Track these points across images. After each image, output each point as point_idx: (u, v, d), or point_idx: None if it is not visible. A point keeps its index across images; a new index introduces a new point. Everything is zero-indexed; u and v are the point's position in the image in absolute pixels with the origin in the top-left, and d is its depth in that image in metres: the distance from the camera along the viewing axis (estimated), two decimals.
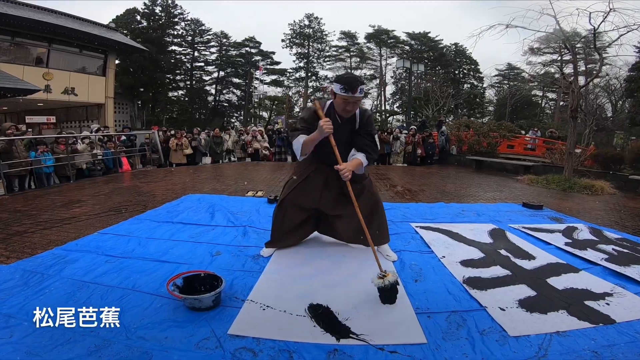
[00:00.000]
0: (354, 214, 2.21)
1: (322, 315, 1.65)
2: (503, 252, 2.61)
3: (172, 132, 9.07)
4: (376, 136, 2.19)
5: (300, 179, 2.31)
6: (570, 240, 3.00)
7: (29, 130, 9.31)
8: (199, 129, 9.93)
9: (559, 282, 2.09)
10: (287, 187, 2.38)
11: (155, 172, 7.15)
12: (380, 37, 30.37)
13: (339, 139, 2.02)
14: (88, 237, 2.79)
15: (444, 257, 2.46)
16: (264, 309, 1.70)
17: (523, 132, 12.19)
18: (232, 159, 9.54)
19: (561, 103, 27.49)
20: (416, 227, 3.18)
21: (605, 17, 6.68)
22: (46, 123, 12.95)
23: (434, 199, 4.80)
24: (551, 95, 30.41)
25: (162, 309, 1.65)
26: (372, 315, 1.66)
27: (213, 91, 30.64)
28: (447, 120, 12.84)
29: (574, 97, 8.07)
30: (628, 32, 6.72)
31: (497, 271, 2.22)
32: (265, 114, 29.15)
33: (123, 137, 8.25)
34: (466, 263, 2.36)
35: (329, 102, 2.13)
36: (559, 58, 8.72)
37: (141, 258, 2.32)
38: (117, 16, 25.44)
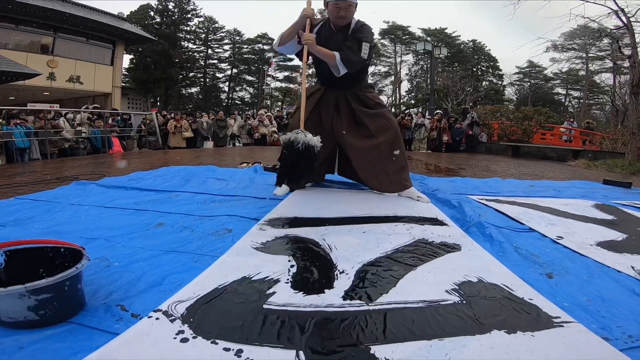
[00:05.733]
0: (374, 149, 2.00)
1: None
2: None
3: (172, 114, 8.26)
4: (365, 44, 1.90)
5: (312, 101, 2.06)
6: None
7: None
8: (202, 112, 9.11)
9: None
10: (298, 114, 2.06)
11: (149, 153, 6.29)
12: (395, 33, 29.21)
13: (332, 47, 1.94)
14: None
15: (561, 237, 1.39)
16: (185, 340, 0.67)
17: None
18: (237, 144, 8.64)
19: (586, 101, 25.79)
20: (480, 200, 2.11)
21: None
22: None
23: (481, 176, 3.69)
24: (575, 94, 28.72)
25: None
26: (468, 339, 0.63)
27: (226, 89, 30.26)
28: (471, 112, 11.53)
29: (635, 72, 6.99)
30: None
31: None
32: (277, 108, 28.57)
33: (117, 118, 7.47)
34: (612, 246, 1.29)
35: (323, 19, 2.07)
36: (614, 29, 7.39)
37: (25, 226, 1.36)
38: (131, 12, 25.34)
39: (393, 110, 26.57)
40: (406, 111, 23.42)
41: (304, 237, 1.24)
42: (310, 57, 1.99)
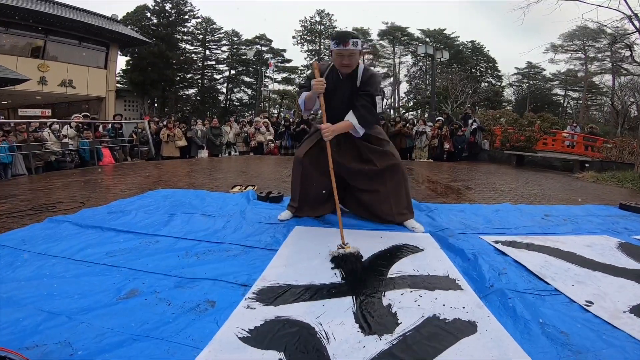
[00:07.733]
0: (379, 186, 2.11)
1: None
2: None
3: (165, 122, 8.03)
4: (378, 98, 2.00)
5: (317, 136, 2.10)
6: None
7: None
8: (197, 119, 8.89)
9: None
10: (306, 143, 2.17)
11: (140, 165, 6.07)
12: (393, 34, 29.09)
13: (340, 97, 2.02)
14: None
15: (591, 302, 1.22)
16: None
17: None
18: (233, 152, 8.42)
19: (585, 102, 25.75)
20: (494, 242, 1.91)
21: None
22: (40, 117, 12.14)
23: (489, 198, 3.51)
24: (574, 95, 28.72)
25: None
26: None
27: (224, 90, 30.01)
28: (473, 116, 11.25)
29: None
30: None
31: None
32: (274, 111, 28.37)
33: (108, 127, 7.23)
34: None
35: (332, 64, 2.05)
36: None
37: None
38: (127, 13, 25.03)
39: (392, 113, 26.44)
40: (405, 115, 23.26)
41: (297, 321, 1.05)
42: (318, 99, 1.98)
